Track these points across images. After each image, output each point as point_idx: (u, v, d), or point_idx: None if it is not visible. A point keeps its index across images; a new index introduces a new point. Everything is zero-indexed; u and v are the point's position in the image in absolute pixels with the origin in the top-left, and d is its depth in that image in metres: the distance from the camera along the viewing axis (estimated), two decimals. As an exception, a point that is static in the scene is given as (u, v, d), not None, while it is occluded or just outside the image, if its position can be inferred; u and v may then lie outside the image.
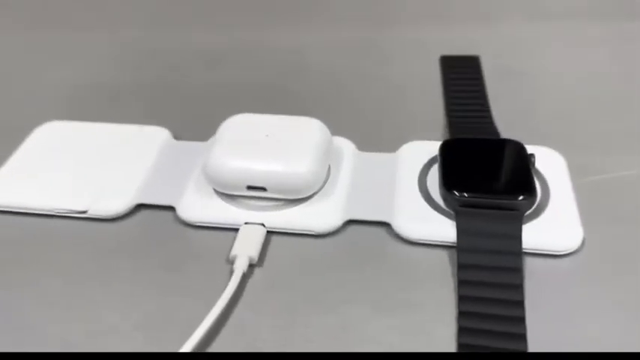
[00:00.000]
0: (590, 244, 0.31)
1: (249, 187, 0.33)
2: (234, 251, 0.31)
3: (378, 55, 0.49)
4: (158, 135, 0.39)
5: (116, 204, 0.34)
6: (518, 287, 0.29)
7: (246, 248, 0.31)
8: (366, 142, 0.38)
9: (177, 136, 0.40)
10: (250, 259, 0.31)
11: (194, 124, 0.42)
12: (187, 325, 0.28)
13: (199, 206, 0.34)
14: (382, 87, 0.45)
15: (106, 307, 0.30)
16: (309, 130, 0.34)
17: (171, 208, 0.35)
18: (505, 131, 0.38)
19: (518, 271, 0.29)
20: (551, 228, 0.31)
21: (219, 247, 0.33)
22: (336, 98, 0.44)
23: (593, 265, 0.30)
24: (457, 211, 0.31)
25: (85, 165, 0.37)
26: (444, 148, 0.34)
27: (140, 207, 0.35)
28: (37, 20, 0.57)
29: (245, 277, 0.31)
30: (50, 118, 0.42)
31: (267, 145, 0.33)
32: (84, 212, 0.34)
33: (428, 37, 0.50)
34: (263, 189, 0.32)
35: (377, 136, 0.39)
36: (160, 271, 0.32)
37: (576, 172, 0.35)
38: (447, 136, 0.39)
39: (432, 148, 0.36)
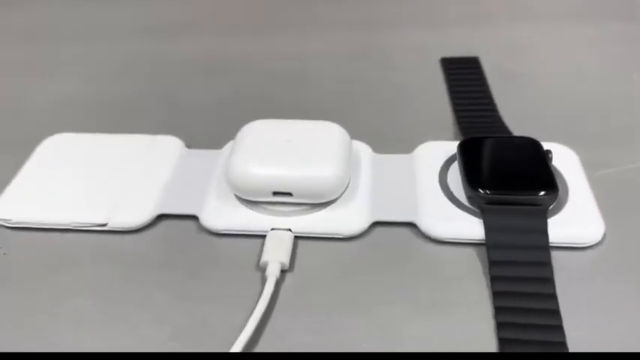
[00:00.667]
0: (611, 235, 0.32)
1: (275, 193, 0.32)
2: (265, 257, 0.31)
3: (379, 60, 0.49)
4: (171, 144, 0.39)
5: (137, 215, 0.34)
6: (549, 280, 0.29)
7: (276, 254, 0.31)
8: (377, 145, 0.38)
9: (188, 145, 0.40)
10: (282, 265, 0.31)
11: (202, 132, 0.41)
12: (223, 334, 0.28)
13: (223, 214, 0.33)
14: (386, 91, 0.45)
15: (139, 320, 0.29)
16: (329, 133, 0.34)
17: (193, 218, 0.34)
18: (513, 129, 0.39)
19: (547, 264, 0.30)
20: (574, 221, 0.32)
21: (247, 255, 0.32)
22: (342, 103, 0.44)
23: (617, 255, 0.31)
24: (483, 208, 0.32)
25: (99, 177, 0.36)
26: (463, 148, 0.35)
27: (160, 217, 0.35)
28: (35, 32, 0.56)
29: (277, 283, 0.30)
30: (54, 131, 0.41)
31: (291, 150, 0.33)
32: (104, 225, 0.34)
33: (424, 40, 0.51)
34: (289, 194, 0.32)
35: (388, 139, 0.39)
36: (190, 280, 0.31)
37: (588, 167, 0.36)
38: (457, 137, 0.40)
39: (447, 147, 0.37)
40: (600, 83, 0.45)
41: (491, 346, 0.27)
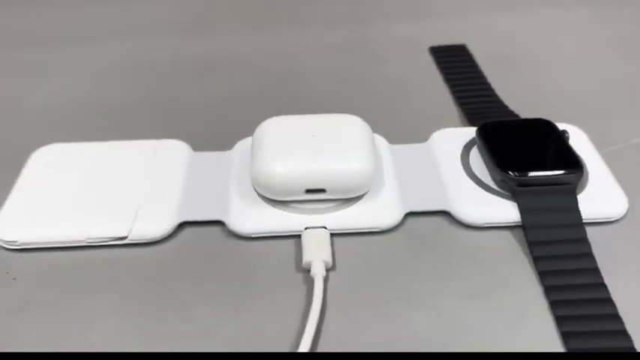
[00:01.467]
0: (634, 207, 0.33)
1: (308, 191, 0.31)
2: (308, 258, 0.30)
3: (369, 53, 0.49)
4: (177, 148, 0.37)
5: (159, 225, 0.32)
6: (589, 255, 0.30)
7: (317, 253, 0.30)
8: (387, 137, 0.38)
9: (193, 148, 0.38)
10: (326, 264, 0.30)
11: (203, 134, 0.40)
12: (277, 339, 0.27)
13: (252, 217, 0.32)
14: (383, 83, 0.45)
15: (186, 335, 0.27)
16: (352, 126, 0.34)
17: (217, 223, 0.33)
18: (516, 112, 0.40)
19: (584, 240, 0.31)
20: (599, 197, 0.33)
21: (283, 257, 0.31)
22: (341, 99, 0.44)
23: (643, 226, 0.33)
24: (515, 191, 0.32)
25: (108, 187, 0.34)
26: (482, 133, 0.35)
27: (182, 225, 0.33)
28: (18, 35, 0.52)
29: (324, 282, 0.29)
30: (42, 142, 0.38)
31: (318, 145, 0.32)
32: (123, 238, 0.31)
33: (410, 30, 0.52)
34: (322, 191, 0.31)
35: (395, 131, 0.39)
36: (230, 288, 0.30)
37: (597, 144, 0.37)
38: (465, 123, 0.40)
39: (462, 133, 0.37)
40: (586, 65, 0.47)
41: (548, 325, 0.28)
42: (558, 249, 0.30)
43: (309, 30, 0.52)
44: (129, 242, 0.32)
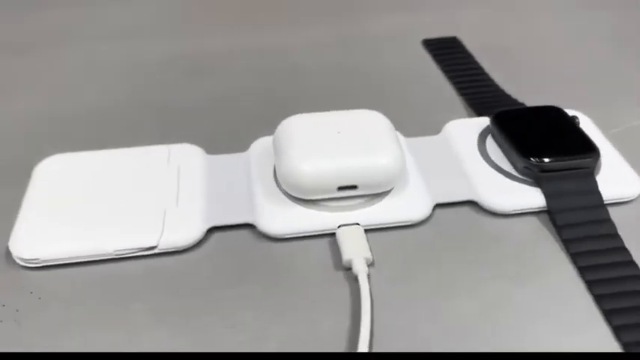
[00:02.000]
0: (646, 187, 0.35)
1: (340, 188, 0.31)
2: (348, 256, 0.30)
3: (363, 48, 0.49)
4: (191, 152, 0.36)
5: (189, 232, 0.31)
6: (616, 235, 0.31)
7: (357, 250, 0.30)
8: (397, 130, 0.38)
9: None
10: (367, 260, 0.30)
11: (209, 136, 0.39)
12: (328, 340, 0.27)
13: (284, 217, 0.31)
14: (381, 77, 0.45)
15: (237, 343, 0.27)
16: (375, 121, 0.34)
17: (246, 226, 0.32)
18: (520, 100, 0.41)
19: (608, 220, 0.32)
20: (614, 179, 0.34)
21: (318, 255, 0.31)
22: (341, 95, 0.43)
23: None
24: (539, 177, 0.33)
25: (126, 197, 0.32)
26: (497, 121, 0.36)
27: (209, 231, 0.32)
28: None
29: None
30: (41, 153, 0.36)
31: (345, 141, 0.32)
32: (153, 248, 0.30)
33: (399, 23, 0.52)
34: (354, 187, 0.31)
35: (403, 124, 0.39)
36: (270, 290, 0.29)
37: (600, 128, 0.38)
38: (471, 114, 0.41)
39: (474, 123, 0.38)
40: (577, 51, 0.48)
41: (589, 304, 0.28)
42: (586, 230, 0.31)
43: (299, 26, 0.52)
44: (158, 252, 0.30)
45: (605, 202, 0.33)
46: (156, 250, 0.30)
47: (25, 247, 0.30)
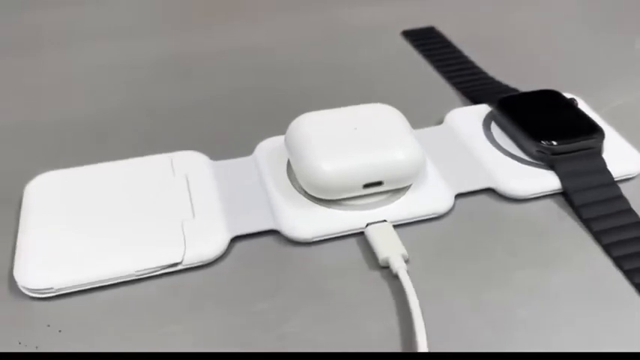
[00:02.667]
0: (645, 162, 0.36)
1: (366, 185, 0.30)
2: (384, 254, 0.29)
3: (343, 41, 0.48)
4: (195, 160, 0.34)
5: (212, 244, 0.29)
6: (631, 211, 0.32)
7: (392, 248, 0.29)
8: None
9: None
10: (404, 257, 0.29)
11: (211, 141, 0.37)
12: (380, 342, 0.26)
13: (309, 221, 0.30)
14: (367, 70, 0.45)
15: (290, 349, 0.25)
16: (389, 115, 0.33)
17: (269, 233, 0.31)
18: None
19: (621, 197, 0.33)
20: (616, 156, 0.35)
21: (349, 256, 0.30)
22: (331, 90, 0.43)
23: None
24: (552, 159, 0.33)
25: (138, 211, 0.30)
26: (502, 107, 0.36)
27: (232, 241, 0.30)
28: None
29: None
30: (28, 170, 0.33)
31: (364, 138, 0.31)
32: (177, 264, 0.28)
33: (372, 16, 0.51)
34: (379, 183, 0.31)
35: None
36: (307, 296, 0.28)
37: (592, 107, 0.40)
38: (465, 102, 0.41)
39: (474, 111, 0.38)
40: (551, 36, 0.49)
41: (620, 279, 0.29)
42: (603, 208, 0.32)
43: (272, 22, 0.50)
44: (182, 268, 0.29)
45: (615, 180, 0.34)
46: (179, 267, 0.28)
47: (35, 276, 0.27)
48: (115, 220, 0.30)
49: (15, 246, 0.29)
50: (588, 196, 0.32)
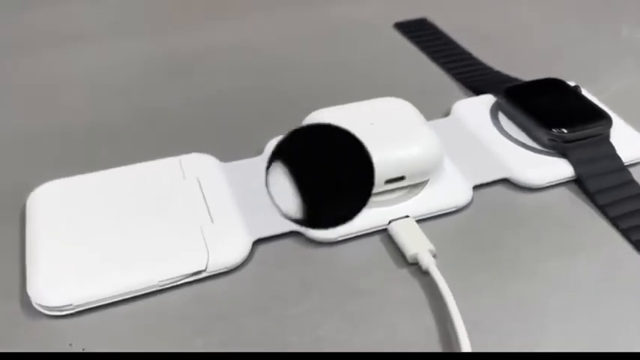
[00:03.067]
0: (650, 146, 0.36)
1: (388, 181, 0.30)
2: (412, 250, 0.28)
3: (338, 37, 0.48)
4: (205, 162, 0.33)
5: (235, 249, 0.28)
6: (642, 195, 0.33)
7: (419, 244, 0.29)
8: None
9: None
10: (432, 252, 0.29)
11: (217, 142, 0.35)
12: (418, 340, 0.26)
13: (331, 219, 0.30)
14: (365, 64, 0.44)
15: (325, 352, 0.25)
16: (403, 108, 0.33)
17: (289, 234, 0.30)
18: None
19: (633, 181, 0.33)
20: (623, 141, 0.35)
21: (374, 255, 0.29)
22: (332, 86, 0.42)
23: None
24: (564, 147, 0.33)
25: (152, 219, 0.29)
26: (509, 97, 0.36)
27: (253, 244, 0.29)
28: None
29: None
30: (29, 180, 0.31)
31: (382, 133, 0.30)
32: (200, 272, 0.27)
33: (360, 10, 0.51)
34: (401, 178, 0.30)
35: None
36: (338, 297, 0.27)
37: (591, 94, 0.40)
38: (466, 92, 0.41)
39: (479, 102, 0.38)
40: (542, 25, 0.50)
41: (641, 263, 0.30)
42: (617, 194, 0.32)
43: (265, 17, 0.49)
44: (206, 275, 0.27)
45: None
46: (203, 274, 0.27)
47: (51, 293, 0.26)
48: (129, 228, 0.28)
49: (22, 260, 0.28)
50: (602, 183, 0.33)
